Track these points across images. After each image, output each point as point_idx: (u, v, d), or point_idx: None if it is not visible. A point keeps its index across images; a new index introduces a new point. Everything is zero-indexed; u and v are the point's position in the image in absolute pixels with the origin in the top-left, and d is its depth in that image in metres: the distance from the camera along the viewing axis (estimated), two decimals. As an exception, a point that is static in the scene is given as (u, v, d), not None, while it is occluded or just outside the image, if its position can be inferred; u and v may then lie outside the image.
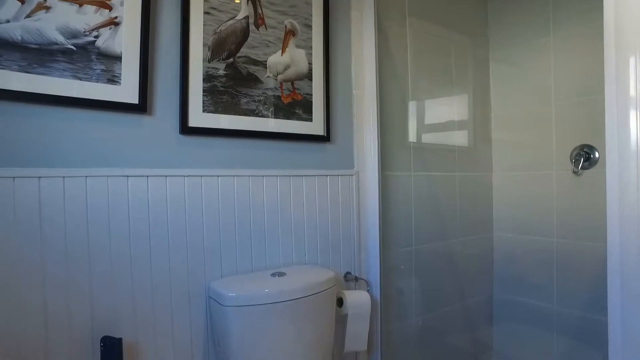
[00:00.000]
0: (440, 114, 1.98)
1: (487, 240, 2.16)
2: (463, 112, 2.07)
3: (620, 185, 0.91)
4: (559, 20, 1.90)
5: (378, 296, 1.58)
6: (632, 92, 0.87)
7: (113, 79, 1.07)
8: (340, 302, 1.46)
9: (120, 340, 1.03)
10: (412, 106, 1.84)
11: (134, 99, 1.10)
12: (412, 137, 1.83)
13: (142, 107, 1.11)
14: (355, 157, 1.61)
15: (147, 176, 1.13)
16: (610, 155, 0.93)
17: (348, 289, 1.55)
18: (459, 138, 2.04)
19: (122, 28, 1.09)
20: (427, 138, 1.92)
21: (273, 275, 1.26)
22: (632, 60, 0.86)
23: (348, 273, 1.57)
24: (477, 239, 2.10)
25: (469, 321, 2.07)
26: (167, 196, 1.17)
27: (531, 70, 2.01)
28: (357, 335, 1.46)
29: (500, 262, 2.16)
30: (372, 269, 1.60)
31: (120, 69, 1.08)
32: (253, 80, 1.32)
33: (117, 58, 1.08)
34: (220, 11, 1.25)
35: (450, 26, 1.99)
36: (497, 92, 2.17)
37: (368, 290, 1.53)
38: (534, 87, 1.99)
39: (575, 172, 1.82)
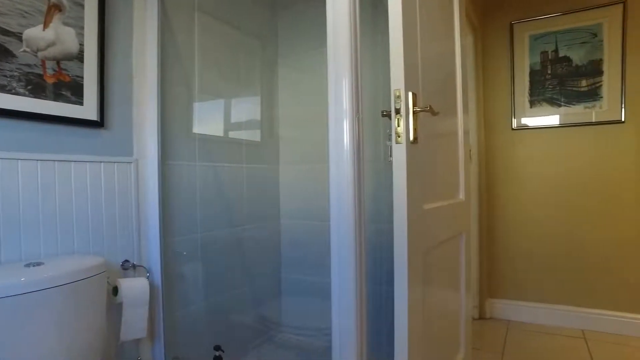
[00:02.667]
0: (228, 109, 2.10)
1: (274, 227, 2.40)
2: (251, 108, 2.26)
3: (338, 174, 1.19)
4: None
5: (159, 283, 1.61)
6: (345, 105, 1.15)
7: None
8: (115, 290, 1.44)
9: None
10: (198, 99, 1.92)
11: None
12: (197, 129, 1.91)
13: None
14: (134, 145, 1.59)
15: None
16: (332, 152, 1.19)
17: (126, 277, 1.54)
18: (247, 132, 2.22)
19: None
20: (214, 131, 2.01)
21: (27, 265, 1.16)
22: (344, 81, 1.14)
23: (126, 261, 1.55)
24: (266, 226, 2.32)
25: (259, 301, 2.26)
26: None
27: (312, 76, 2.33)
28: (134, 323, 1.46)
29: (287, 246, 2.43)
30: (153, 257, 1.61)
31: None
32: (3, 53, 1.18)
33: None
34: (-43, -32, 1.09)
35: (240, 28, 2.14)
36: (284, 93, 2.43)
37: (148, 277, 1.55)
38: (314, 91, 2.32)
39: (338, 166, 2.21)
